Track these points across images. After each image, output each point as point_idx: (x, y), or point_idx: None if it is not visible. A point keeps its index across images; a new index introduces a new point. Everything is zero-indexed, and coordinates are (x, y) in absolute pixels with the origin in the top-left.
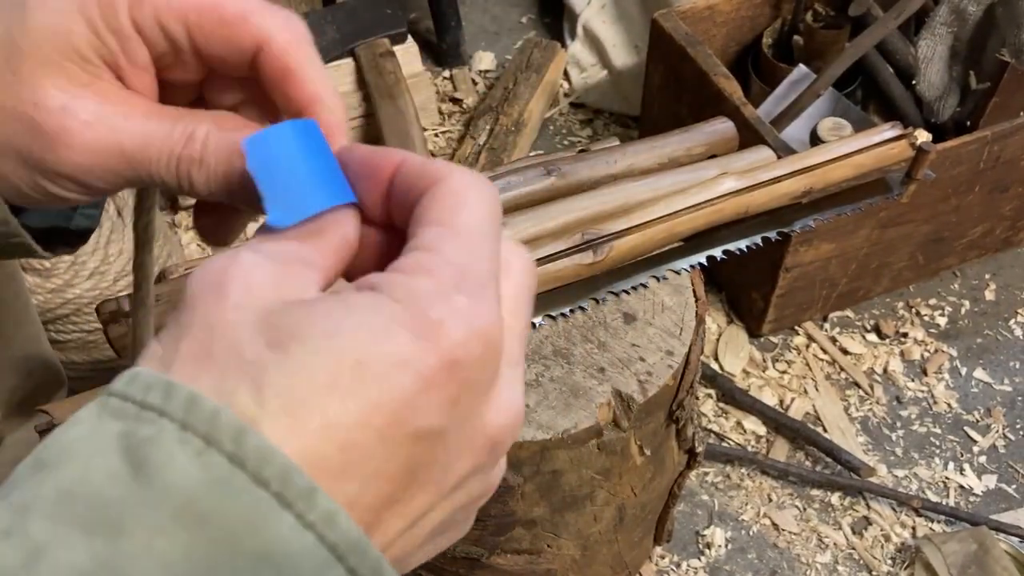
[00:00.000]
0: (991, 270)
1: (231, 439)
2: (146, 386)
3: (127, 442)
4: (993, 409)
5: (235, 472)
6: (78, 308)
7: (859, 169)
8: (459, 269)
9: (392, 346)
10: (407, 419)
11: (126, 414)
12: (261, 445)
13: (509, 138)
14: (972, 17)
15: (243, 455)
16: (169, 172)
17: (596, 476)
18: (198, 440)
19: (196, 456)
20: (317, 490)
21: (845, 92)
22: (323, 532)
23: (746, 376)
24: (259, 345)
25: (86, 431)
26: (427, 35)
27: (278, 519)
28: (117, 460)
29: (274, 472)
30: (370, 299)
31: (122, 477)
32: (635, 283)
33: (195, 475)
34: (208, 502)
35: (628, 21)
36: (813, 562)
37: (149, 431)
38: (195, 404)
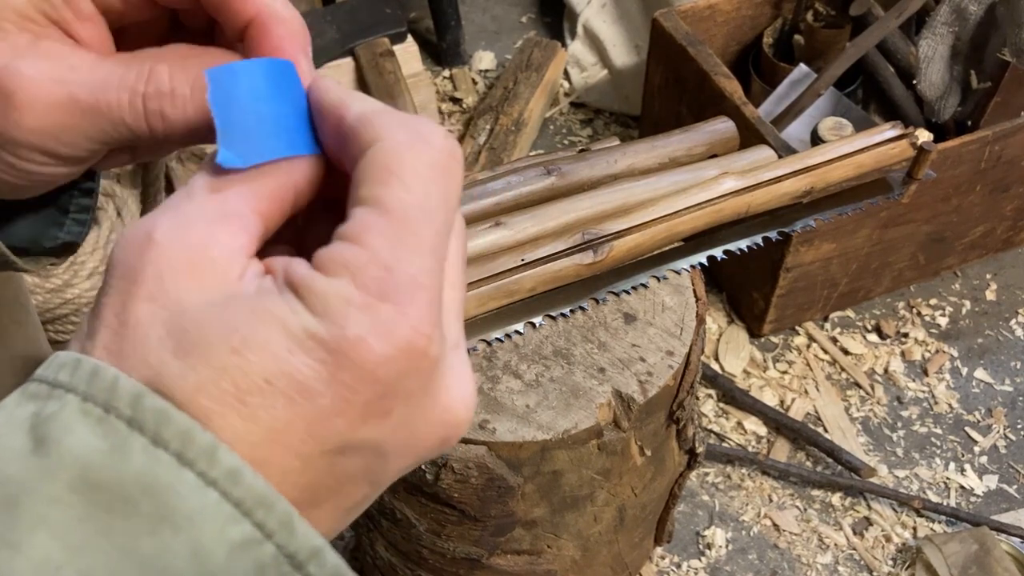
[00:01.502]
0: (992, 270)
1: (128, 404)
2: (58, 366)
3: (34, 421)
4: (994, 409)
5: (132, 435)
6: (77, 308)
7: (860, 169)
8: (386, 269)
9: (302, 369)
10: (324, 437)
11: (39, 395)
12: (159, 407)
13: (509, 138)
14: (973, 16)
15: (141, 419)
16: (135, 113)
17: (596, 476)
18: (98, 408)
19: (96, 424)
20: (219, 447)
21: (846, 92)
22: (227, 488)
23: (747, 376)
24: (165, 351)
25: (2, 417)
26: (427, 35)
27: (177, 478)
28: (22, 438)
29: (173, 432)
30: (286, 307)
31: (24, 453)
32: (635, 283)
33: (93, 442)
34: (105, 468)
35: (628, 21)
36: (814, 563)
37: (54, 407)
38: (97, 375)
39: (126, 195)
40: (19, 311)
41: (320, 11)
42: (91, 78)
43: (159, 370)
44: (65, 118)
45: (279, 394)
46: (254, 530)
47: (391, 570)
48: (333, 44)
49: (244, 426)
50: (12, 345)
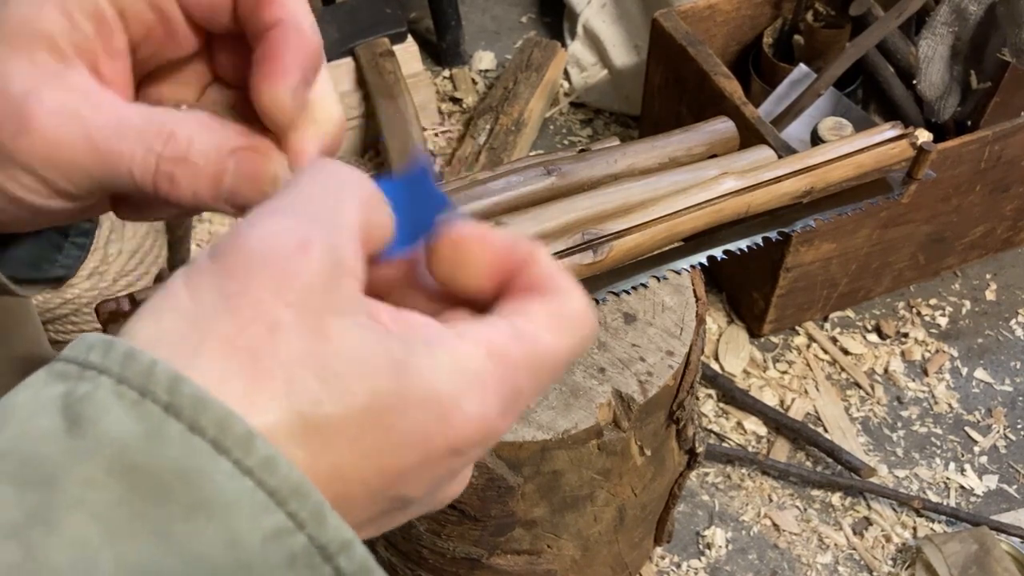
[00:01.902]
0: (992, 270)
1: (166, 389)
2: (88, 346)
3: (66, 400)
4: (994, 409)
5: (168, 421)
6: (77, 308)
7: (860, 169)
8: (516, 381)
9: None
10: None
11: (69, 375)
12: (197, 393)
13: (509, 138)
14: (973, 17)
15: (178, 404)
16: (146, 170)
17: (596, 476)
18: (133, 392)
19: (131, 407)
20: (256, 436)
21: (846, 92)
22: (262, 477)
23: (746, 376)
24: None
25: (30, 395)
26: (427, 35)
27: (214, 465)
28: (55, 418)
29: (211, 419)
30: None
31: (57, 433)
32: (635, 283)
33: (129, 426)
34: (141, 452)
35: (628, 21)
36: (814, 562)
37: (87, 388)
38: (132, 358)
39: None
40: (20, 311)
41: (320, 11)
42: (110, 122)
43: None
44: (75, 155)
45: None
46: (287, 520)
47: (391, 570)
48: (333, 44)
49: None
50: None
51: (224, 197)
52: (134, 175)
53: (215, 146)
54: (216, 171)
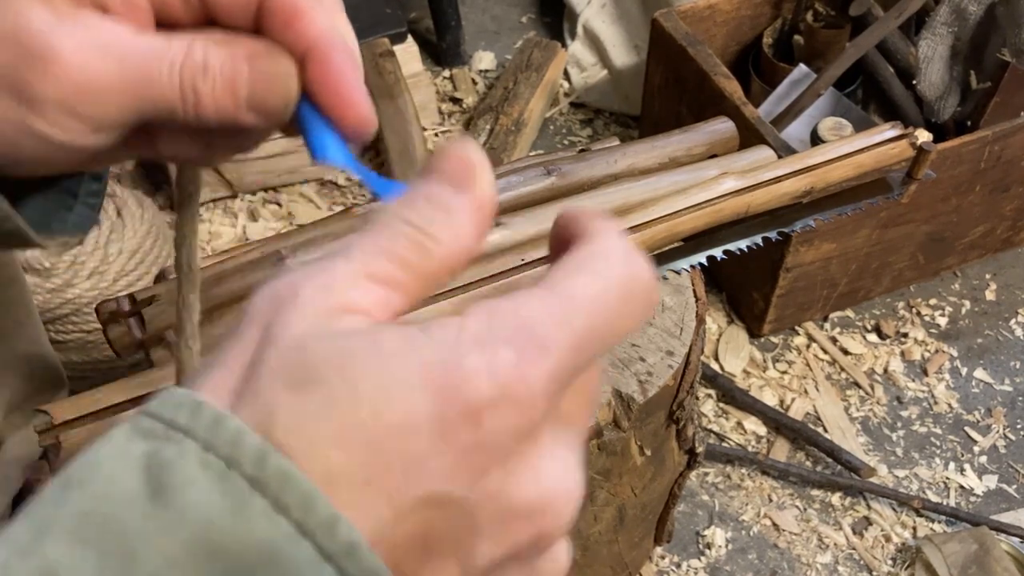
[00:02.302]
0: (992, 270)
1: (253, 462)
2: (176, 405)
3: (150, 462)
4: (994, 409)
5: (254, 497)
6: (78, 308)
7: (860, 169)
8: (524, 324)
9: (408, 402)
10: (417, 480)
11: (154, 434)
12: (283, 468)
13: (509, 138)
14: (973, 17)
15: (264, 479)
16: (172, 85)
17: (596, 476)
18: (220, 462)
19: (217, 479)
20: (340, 519)
21: (846, 92)
22: (343, 564)
23: (746, 376)
24: (279, 386)
25: (113, 450)
26: (427, 35)
27: (297, 549)
28: (138, 481)
29: (295, 498)
30: (403, 341)
31: (141, 499)
32: None
33: (214, 500)
34: (224, 530)
35: (628, 21)
36: (814, 562)
37: (172, 452)
38: (220, 424)
39: (126, 195)
40: (21, 311)
41: None
42: (134, 48)
43: (271, 408)
44: (107, 83)
45: (380, 431)
46: None
47: None
48: None
49: (341, 465)
50: (14, 345)
51: (244, 102)
52: (165, 94)
53: (229, 53)
54: (232, 75)
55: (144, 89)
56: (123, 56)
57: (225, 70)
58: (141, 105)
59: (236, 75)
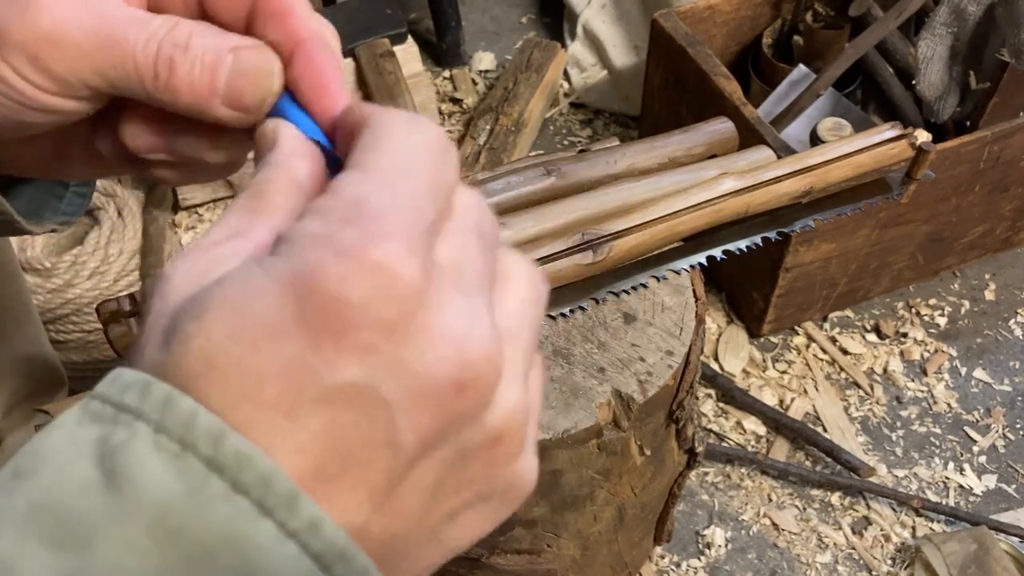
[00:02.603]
0: (991, 270)
1: (208, 442)
2: (124, 386)
3: (102, 448)
4: (993, 409)
5: (211, 478)
6: (78, 308)
7: (859, 169)
8: (353, 202)
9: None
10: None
11: (104, 417)
12: (240, 448)
13: (509, 138)
14: (972, 17)
15: (221, 460)
16: (147, 57)
17: (596, 476)
18: (173, 444)
19: (171, 461)
20: (300, 495)
21: (845, 92)
22: (306, 540)
23: (746, 376)
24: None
25: (64, 437)
26: (427, 35)
27: (256, 528)
28: (90, 468)
29: (254, 477)
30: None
31: (94, 487)
32: (635, 283)
33: (169, 484)
34: (182, 514)
35: (628, 21)
36: (813, 562)
37: (123, 435)
38: (171, 404)
39: (127, 195)
40: (21, 310)
41: (320, 11)
42: (116, 12)
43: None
44: (79, 38)
45: (245, 344)
46: None
47: None
48: None
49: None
50: (13, 344)
51: (221, 92)
52: (137, 60)
53: (215, 41)
54: (214, 61)
55: (117, 53)
56: (103, 15)
57: (208, 54)
58: (110, 70)
59: (218, 62)
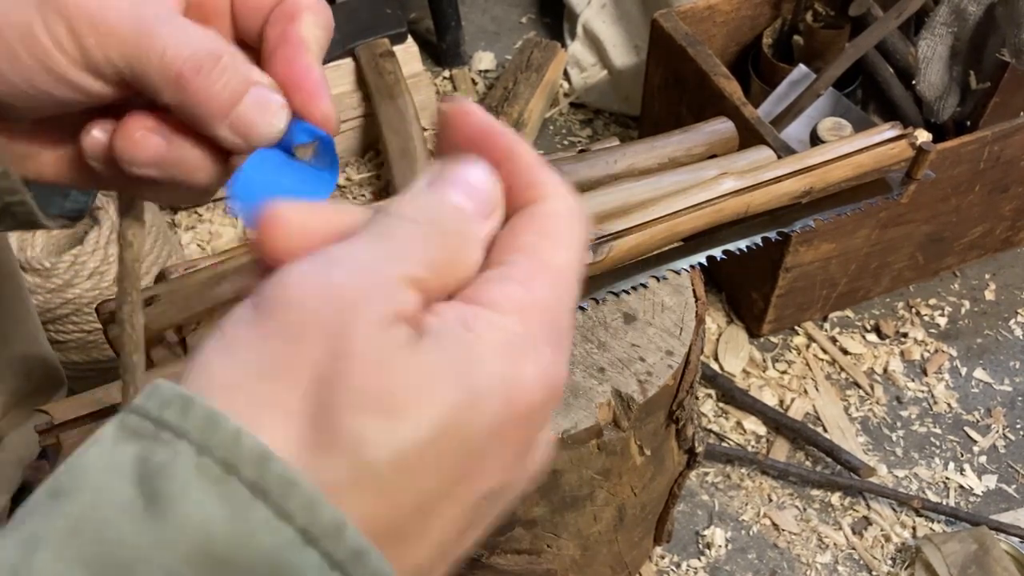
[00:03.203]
0: (991, 270)
1: (253, 466)
2: (164, 401)
3: (142, 468)
4: (993, 409)
5: (255, 504)
6: (78, 308)
7: (859, 169)
8: (550, 317)
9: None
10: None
11: (143, 433)
12: (285, 473)
13: None
14: (972, 17)
15: (266, 484)
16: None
17: (596, 476)
18: (216, 467)
19: (214, 485)
20: (346, 524)
21: (845, 92)
22: (351, 571)
23: (746, 376)
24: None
25: (102, 455)
26: (427, 35)
27: (302, 558)
28: (131, 489)
29: (299, 504)
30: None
31: (135, 509)
32: (635, 283)
33: (212, 508)
34: (226, 542)
35: (628, 21)
36: (813, 562)
37: (165, 455)
38: (214, 423)
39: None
40: (19, 309)
41: None
42: (159, 10)
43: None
44: (116, 22)
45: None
46: None
47: None
48: (333, 44)
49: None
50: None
51: (232, 117)
52: (166, 55)
53: (246, 71)
54: (237, 89)
55: (149, 48)
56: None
57: (235, 79)
58: (137, 61)
59: (240, 92)
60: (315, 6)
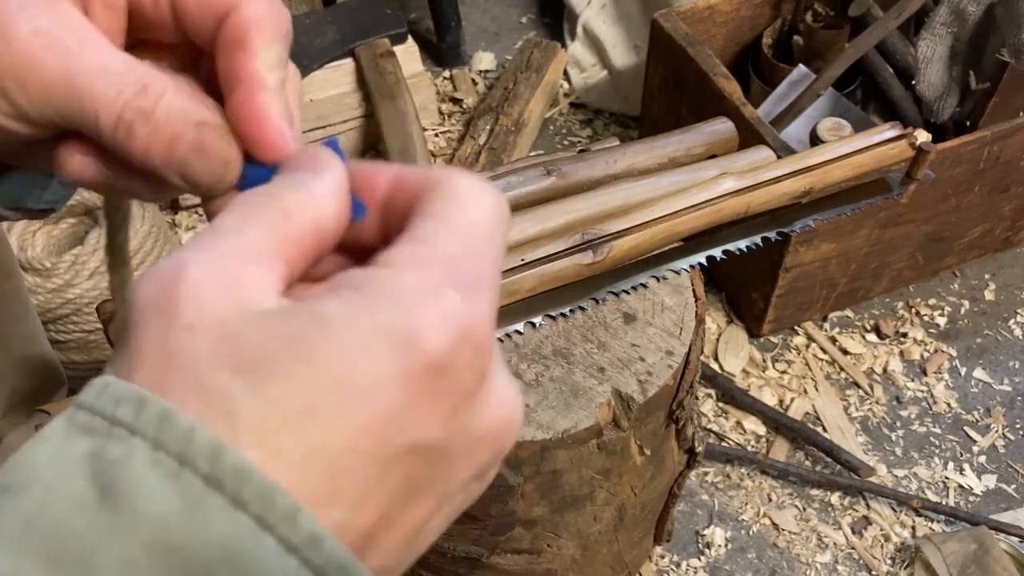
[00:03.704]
0: (991, 270)
1: (207, 459)
2: (116, 399)
3: (96, 464)
4: (993, 409)
5: (210, 495)
6: (78, 308)
7: (859, 169)
8: (452, 262)
9: (374, 364)
10: (396, 438)
11: (95, 430)
12: (239, 464)
13: (509, 138)
14: (972, 17)
15: (220, 475)
16: (109, 115)
17: (596, 476)
18: (171, 460)
19: (169, 478)
20: (300, 510)
21: (845, 92)
22: (308, 556)
23: (746, 376)
24: (223, 373)
25: (52, 450)
26: (427, 35)
27: (258, 543)
28: (84, 484)
29: (253, 493)
30: (347, 308)
31: (89, 503)
32: (635, 283)
33: (168, 500)
34: (182, 531)
35: (628, 21)
36: (813, 562)
37: (119, 451)
38: (168, 420)
39: None
40: (20, 310)
41: (320, 12)
42: (92, 59)
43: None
44: (48, 78)
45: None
46: None
47: None
48: (333, 44)
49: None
50: (12, 344)
51: (175, 165)
52: (99, 116)
53: (182, 111)
54: (173, 135)
55: (81, 102)
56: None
57: (169, 125)
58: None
59: (179, 136)
60: (264, 21)
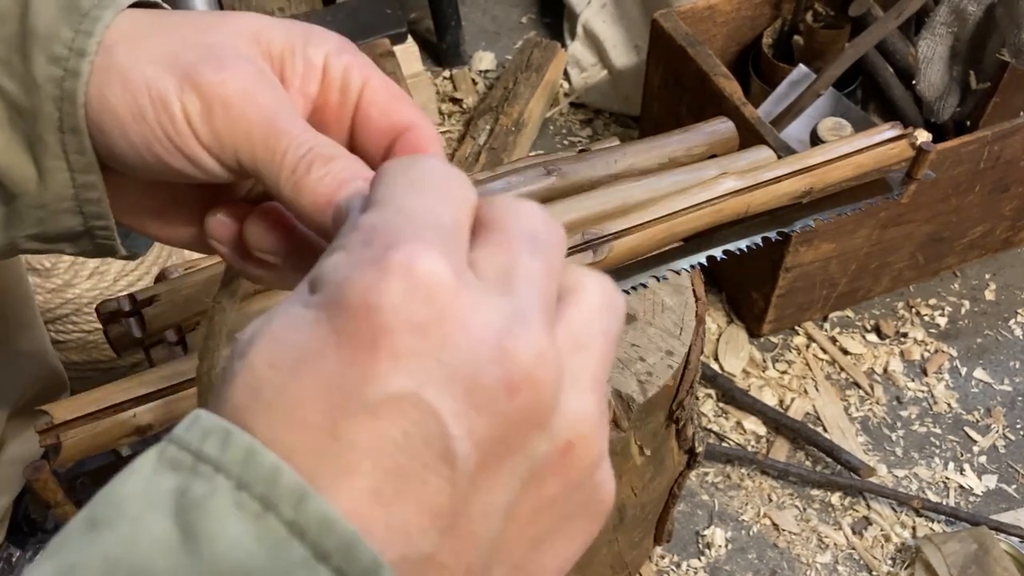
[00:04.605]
0: (991, 270)
1: (291, 504)
2: (204, 432)
3: (180, 501)
4: (993, 409)
5: (293, 544)
6: (78, 308)
7: (859, 169)
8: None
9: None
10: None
11: (182, 465)
12: (322, 511)
13: (509, 138)
14: (972, 17)
15: (303, 524)
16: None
17: None
18: (255, 503)
19: (252, 522)
20: (383, 566)
21: (845, 92)
22: None
23: (746, 376)
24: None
25: (140, 485)
26: (427, 35)
27: None
28: (167, 523)
29: (336, 544)
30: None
31: (171, 545)
32: (635, 283)
33: (249, 548)
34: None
35: (628, 21)
36: (813, 562)
37: (203, 489)
38: (253, 458)
39: None
40: (24, 311)
41: (320, 12)
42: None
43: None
44: (252, 114)
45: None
46: None
47: None
48: None
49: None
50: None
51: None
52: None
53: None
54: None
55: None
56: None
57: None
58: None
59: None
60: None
